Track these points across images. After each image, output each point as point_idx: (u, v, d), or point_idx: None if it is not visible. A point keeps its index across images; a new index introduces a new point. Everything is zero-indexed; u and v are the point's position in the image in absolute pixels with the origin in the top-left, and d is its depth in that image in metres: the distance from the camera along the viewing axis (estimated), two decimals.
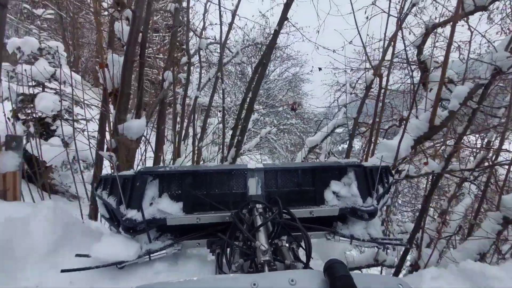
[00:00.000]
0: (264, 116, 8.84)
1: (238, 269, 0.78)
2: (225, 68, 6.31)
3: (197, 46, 4.35)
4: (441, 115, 2.96)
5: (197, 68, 4.96)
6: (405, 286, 0.49)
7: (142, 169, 1.17)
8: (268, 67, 12.39)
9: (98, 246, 1.09)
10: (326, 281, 0.48)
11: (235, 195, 1.26)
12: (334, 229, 1.30)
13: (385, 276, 0.72)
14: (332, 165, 1.33)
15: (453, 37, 2.72)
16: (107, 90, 2.80)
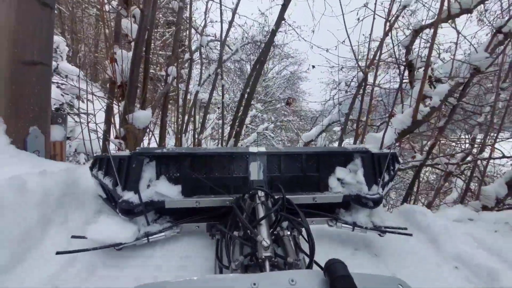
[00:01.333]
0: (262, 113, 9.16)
1: (238, 268, 0.77)
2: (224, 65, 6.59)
3: (198, 43, 4.64)
4: (423, 111, 3.30)
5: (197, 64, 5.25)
6: (405, 286, 0.49)
7: (138, 150, 1.13)
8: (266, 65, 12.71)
9: (95, 228, 1.07)
10: (326, 281, 0.48)
11: (236, 179, 1.25)
12: (337, 215, 1.30)
13: (385, 276, 0.59)
14: (338, 151, 1.31)
15: (435, 39, 3.05)
16: (115, 83, 3.08)
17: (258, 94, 11.54)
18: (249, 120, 8.01)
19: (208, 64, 5.89)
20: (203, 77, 5.11)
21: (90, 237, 1.04)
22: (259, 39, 6.93)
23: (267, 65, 13.09)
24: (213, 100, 6.45)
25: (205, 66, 5.67)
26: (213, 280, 0.50)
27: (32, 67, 1.05)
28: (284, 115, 10.06)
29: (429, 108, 3.29)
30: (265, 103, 9.99)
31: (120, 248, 1.08)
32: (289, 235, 0.97)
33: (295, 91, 15.38)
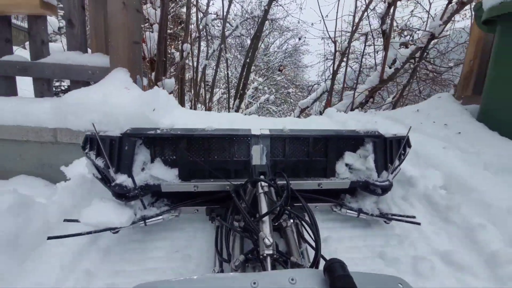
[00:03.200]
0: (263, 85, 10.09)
1: (238, 268, 0.76)
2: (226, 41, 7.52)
3: (204, 22, 5.57)
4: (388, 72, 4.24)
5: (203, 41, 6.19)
6: (405, 285, 0.50)
7: (129, 131, 1.07)
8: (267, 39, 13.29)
9: (88, 212, 1.03)
10: (326, 280, 0.49)
11: (237, 163, 1.18)
12: (342, 201, 1.26)
13: (385, 275, 0.54)
14: (349, 135, 1.22)
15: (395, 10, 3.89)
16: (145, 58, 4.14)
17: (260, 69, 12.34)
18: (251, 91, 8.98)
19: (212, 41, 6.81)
20: (209, 52, 6.09)
21: (83, 221, 1.01)
22: (257, 14, 7.74)
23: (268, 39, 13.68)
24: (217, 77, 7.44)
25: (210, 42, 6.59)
26: (213, 279, 0.51)
27: (136, 44, 2.12)
28: (284, 87, 10.96)
29: (393, 69, 4.21)
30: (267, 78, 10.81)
31: (117, 232, 1.07)
32: (292, 225, 0.96)
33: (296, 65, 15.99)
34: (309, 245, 0.87)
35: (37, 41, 2.29)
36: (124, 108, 1.69)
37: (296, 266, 0.74)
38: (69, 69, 2.20)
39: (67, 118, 1.69)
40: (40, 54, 2.28)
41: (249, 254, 0.81)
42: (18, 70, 2.27)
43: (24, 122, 1.77)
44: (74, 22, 2.24)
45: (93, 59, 2.22)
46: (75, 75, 2.22)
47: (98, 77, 2.14)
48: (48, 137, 1.79)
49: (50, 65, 2.21)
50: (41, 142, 1.83)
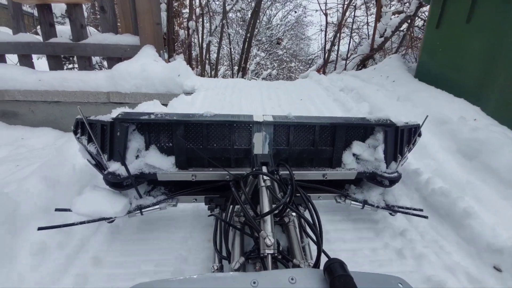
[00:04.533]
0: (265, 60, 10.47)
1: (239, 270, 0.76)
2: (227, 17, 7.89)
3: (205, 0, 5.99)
4: (378, 41, 4.69)
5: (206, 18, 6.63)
6: (405, 285, 0.51)
7: (121, 115, 1.00)
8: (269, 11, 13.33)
9: (81, 201, 0.99)
10: (326, 280, 0.50)
11: (237, 151, 1.13)
12: (346, 192, 1.23)
13: (385, 274, 0.52)
14: (359, 123, 1.15)
15: None
16: None
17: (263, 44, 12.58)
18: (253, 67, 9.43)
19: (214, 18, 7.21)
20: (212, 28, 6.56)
21: (75, 211, 0.97)
22: None
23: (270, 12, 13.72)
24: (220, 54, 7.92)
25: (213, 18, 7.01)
26: (213, 278, 0.52)
27: (158, 25, 2.72)
28: (286, 61, 11.31)
29: (383, 38, 4.64)
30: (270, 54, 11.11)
31: (112, 222, 1.05)
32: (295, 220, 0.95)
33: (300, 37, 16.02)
34: (311, 239, 0.84)
35: (77, 25, 2.91)
36: (157, 74, 2.35)
37: (298, 267, 0.74)
38: (106, 48, 2.84)
39: (117, 83, 2.36)
40: (81, 36, 2.91)
41: (249, 254, 0.81)
42: (64, 50, 2.92)
43: (85, 88, 2.46)
44: (106, 8, 2.84)
45: (124, 38, 2.84)
46: (111, 53, 2.87)
47: (130, 53, 2.78)
48: (103, 98, 2.48)
49: (91, 45, 2.85)
50: (97, 103, 2.53)
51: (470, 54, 1.95)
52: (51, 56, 2.98)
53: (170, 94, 2.43)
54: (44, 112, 2.64)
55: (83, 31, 2.92)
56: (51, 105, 2.62)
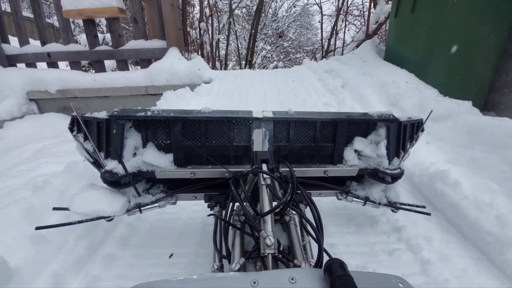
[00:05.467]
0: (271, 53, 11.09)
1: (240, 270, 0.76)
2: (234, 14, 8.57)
3: (213, 0, 6.71)
4: (373, 27, 5.20)
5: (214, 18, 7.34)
6: (405, 285, 0.52)
7: (116, 112, 1.00)
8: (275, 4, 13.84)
9: (79, 199, 1.01)
10: (326, 280, 0.50)
11: (236, 148, 1.13)
12: (347, 188, 1.24)
13: (385, 274, 0.54)
14: (361, 118, 1.13)
15: None
16: None
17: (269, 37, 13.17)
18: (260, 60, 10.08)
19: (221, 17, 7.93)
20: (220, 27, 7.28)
21: (73, 210, 0.99)
22: None
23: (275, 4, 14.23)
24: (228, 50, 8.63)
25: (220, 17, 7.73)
26: (213, 278, 0.53)
27: (179, 30, 3.48)
28: (293, 52, 11.86)
29: (377, 25, 5.14)
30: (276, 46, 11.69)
31: (110, 220, 1.06)
32: (295, 218, 0.97)
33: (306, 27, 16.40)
34: (312, 238, 0.85)
35: (116, 35, 3.71)
36: (182, 69, 3.09)
37: (298, 267, 0.75)
38: (139, 51, 3.63)
39: (153, 78, 3.13)
40: (119, 43, 3.71)
41: (250, 254, 0.82)
42: (107, 56, 3.74)
43: (127, 84, 3.25)
44: (138, 19, 3.62)
45: (153, 43, 3.61)
46: (143, 55, 3.65)
47: (158, 55, 3.54)
48: (142, 91, 3.26)
49: (127, 50, 3.64)
50: (137, 95, 3.32)
51: (417, 38, 2.53)
52: (96, 61, 3.81)
53: (193, 84, 3.17)
54: (96, 105, 3.48)
55: (120, 39, 3.72)
56: (102, 100, 3.45)
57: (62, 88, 3.39)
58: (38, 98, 3.51)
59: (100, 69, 3.82)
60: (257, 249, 0.79)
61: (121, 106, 3.46)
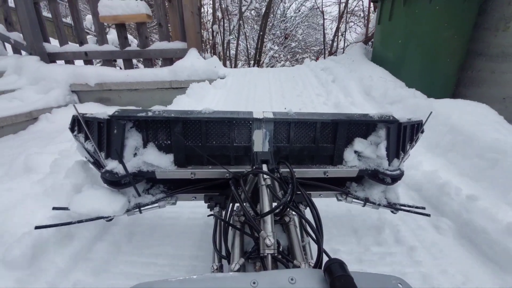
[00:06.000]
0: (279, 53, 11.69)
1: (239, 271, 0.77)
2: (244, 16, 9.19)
3: (225, 4, 7.36)
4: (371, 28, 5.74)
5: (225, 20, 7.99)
6: (404, 285, 0.52)
7: (117, 113, 1.01)
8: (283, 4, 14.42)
9: (79, 199, 1.02)
10: (326, 280, 0.51)
11: (237, 148, 1.14)
12: (347, 189, 1.25)
13: (385, 274, 0.57)
14: (361, 119, 1.15)
15: None
16: None
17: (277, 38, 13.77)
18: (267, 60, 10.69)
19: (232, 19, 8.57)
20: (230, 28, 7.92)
21: (73, 210, 1.01)
22: None
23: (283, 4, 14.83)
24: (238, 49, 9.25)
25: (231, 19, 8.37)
26: (213, 279, 0.54)
27: (198, 34, 4.11)
28: (300, 53, 12.42)
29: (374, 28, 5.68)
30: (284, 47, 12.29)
31: (110, 220, 1.08)
32: (295, 219, 0.99)
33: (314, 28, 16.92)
34: (312, 238, 0.82)
35: (143, 37, 4.37)
36: (201, 67, 3.72)
37: (298, 267, 0.76)
38: (163, 51, 4.28)
39: (176, 74, 3.76)
40: (146, 44, 4.37)
41: (249, 255, 0.83)
42: (135, 55, 4.41)
43: (155, 78, 3.90)
44: (162, 24, 4.27)
45: (175, 44, 4.25)
46: (166, 55, 4.30)
47: (179, 55, 4.18)
48: (167, 85, 3.90)
49: (153, 50, 4.30)
50: (162, 89, 3.97)
51: (394, 41, 3.07)
52: (126, 60, 4.48)
53: (210, 79, 3.78)
54: (127, 97, 4.14)
55: (147, 40, 4.38)
56: (133, 92, 4.11)
57: (99, 82, 4.07)
58: (79, 90, 4.20)
59: (129, 66, 4.50)
60: (257, 249, 0.80)
61: (148, 98, 4.11)
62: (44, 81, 4.15)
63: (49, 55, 4.65)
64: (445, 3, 2.55)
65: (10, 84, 4.17)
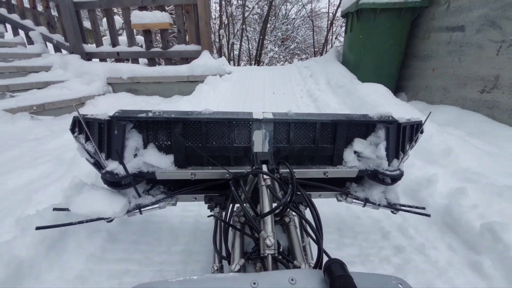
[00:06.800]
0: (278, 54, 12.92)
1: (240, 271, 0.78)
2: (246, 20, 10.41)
3: (230, 10, 8.58)
4: None
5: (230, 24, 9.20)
6: (405, 285, 0.53)
7: (118, 113, 1.03)
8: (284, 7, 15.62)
9: (79, 200, 1.04)
10: (326, 280, 0.52)
11: (237, 149, 1.16)
12: (347, 190, 1.27)
13: (385, 275, 0.57)
14: (360, 120, 1.17)
15: None
16: None
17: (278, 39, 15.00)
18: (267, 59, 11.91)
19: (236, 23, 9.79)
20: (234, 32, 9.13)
21: (74, 210, 1.02)
22: None
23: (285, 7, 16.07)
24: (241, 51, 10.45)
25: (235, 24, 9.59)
26: (213, 279, 0.55)
27: (210, 38, 5.28)
28: (298, 54, 13.63)
29: None
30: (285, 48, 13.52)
31: (110, 221, 1.10)
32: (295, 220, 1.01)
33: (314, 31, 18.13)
34: (312, 239, 0.84)
35: (165, 40, 5.57)
36: (212, 65, 4.91)
37: (298, 268, 0.77)
38: (181, 53, 5.46)
39: (193, 70, 4.94)
40: (167, 46, 5.56)
41: (250, 255, 0.85)
42: (158, 55, 5.60)
43: (175, 73, 5.08)
44: (181, 30, 5.47)
45: (191, 47, 5.44)
46: (184, 55, 5.47)
47: (194, 55, 5.36)
48: (184, 79, 5.08)
49: (173, 51, 5.48)
50: (180, 82, 5.15)
51: (354, 48, 4.18)
52: (150, 59, 5.68)
53: (220, 74, 4.97)
54: (153, 88, 5.33)
55: (168, 44, 5.57)
56: (157, 85, 5.29)
57: (131, 76, 5.26)
58: (114, 82, 5.40)
59: (152, 64, 5.70)
60: (257, 250, 0.83)
61: (169, 89, 5.30)
62: (87, 75, 5.35)
63: (87, 54, 5.88)
64: (386, 20, 3.69)
65: (58, 76, 5.36)
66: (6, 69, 4.69)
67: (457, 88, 3.15)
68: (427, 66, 3.64)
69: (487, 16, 2.76)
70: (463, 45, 3.06)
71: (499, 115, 2.64)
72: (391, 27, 3.70)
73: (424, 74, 3.69)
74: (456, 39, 3.15)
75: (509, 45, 2.55)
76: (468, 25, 2.98)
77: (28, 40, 6.11)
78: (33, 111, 4.03)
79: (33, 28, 6.03)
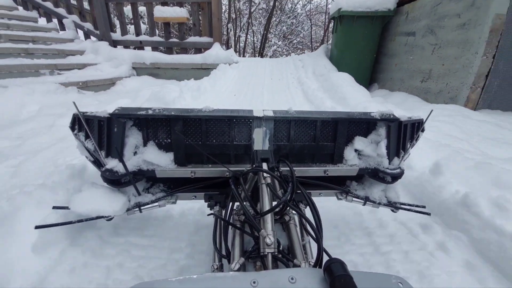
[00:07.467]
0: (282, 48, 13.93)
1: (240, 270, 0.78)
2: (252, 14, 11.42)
3: (238, 6, 9.61)
4: None
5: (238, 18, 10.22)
6: (405, 285, 0.53)
7: (118, 111, 1.04)
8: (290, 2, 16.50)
9: (79, 199, 1.05)
10: (326, 279, 0.52)
11: (237, 147, 1.17)
12: (348, 188, 1.28)
13: (385, 274, 0.56)
14: (361, 118, 1.17)
15: None
16: None
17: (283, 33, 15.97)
18: (271, 52, 12.94)
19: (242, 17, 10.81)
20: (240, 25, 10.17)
21: (73, 209, 1.04)
22: None
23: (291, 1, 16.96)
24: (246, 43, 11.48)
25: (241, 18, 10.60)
26: (213, 278, 0.55)
27: (221, 32, 6.32)
28: (300, 48, 14.64)
29: None
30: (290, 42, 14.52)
31: (110, 219, 1.11)
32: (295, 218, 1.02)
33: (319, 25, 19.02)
34: (312, 238, 0.85)
35: (182, 32, 6.66)
36: (222, 54, 6.00)
37: (298, 266, 0.77)
38: (196, 44, 6.54)
39: (206, 59, 6.03)
40: (183, 37, 6.65)
41: (249, 254, 0.86)
42: (175, 45, 6.70)
43: (191, 61, 6.18)
44: (196, 24, 6.55)
45: (204, 39, 6.52)
46: (198, 46, 6.56)
47: (207, 46, 6.43)
48: (198, 66, 6.17)
49: (188, 42, 6.57)
50: (195, 69, 6.26)
51: (339, 47, 5.24)
52: (168, 48, 6.77)
53: (229, 63, 6.07)
54: (170, 73, 6.44)
55: (184, 35, 6.65)
56: (174, 70, 6.40)
57: (153, 62, 6.37)
58: (138, 67, 6.51)
59: (170, 52, 6.80)
60: (257, 248, 0.83)
61: (184, 75, 6.41)
62: (115, 59, 6.47)
63: (113, 41, 6.99)
64: (362, 25, 4.76)
65: (92, 59, 6.48)
66: (50, 51, 5.82)
67: (408, 79, 4.24)
68: (392, 62, 4.72)
69: (428, 25, 3.83)
70: (414, 47, 4.14)
71: (430, 97, 3.75)
72: (366, 30, 4.78)
73: (390, 68, 4.78)
74: (410, 41, 4.23)
75: (439, 47, 3.63)
76: (417, 31, 4.06)
77: (60, 26, 7.22)
78: (79, 86, 5.18)
79: (66, 16, 7.14)
